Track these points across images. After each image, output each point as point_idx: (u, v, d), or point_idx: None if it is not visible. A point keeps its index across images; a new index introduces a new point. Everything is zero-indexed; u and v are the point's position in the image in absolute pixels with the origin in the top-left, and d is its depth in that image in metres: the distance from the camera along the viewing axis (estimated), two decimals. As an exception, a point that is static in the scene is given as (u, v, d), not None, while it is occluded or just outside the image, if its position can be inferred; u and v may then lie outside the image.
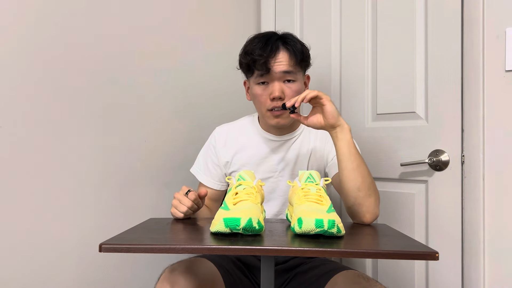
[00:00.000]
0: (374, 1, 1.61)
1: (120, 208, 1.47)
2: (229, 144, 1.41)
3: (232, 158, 1.40)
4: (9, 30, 1.21)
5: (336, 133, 1.17)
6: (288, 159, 1.37)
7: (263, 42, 1.27)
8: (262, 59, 1.25)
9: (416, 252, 0.87)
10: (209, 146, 1.44)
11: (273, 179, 1.37)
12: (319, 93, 1.14)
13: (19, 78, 1.23)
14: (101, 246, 0.84)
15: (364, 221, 1.17)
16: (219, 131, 1.45)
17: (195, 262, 1.17)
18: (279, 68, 1.26)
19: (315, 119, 1.18)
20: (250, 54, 1.28)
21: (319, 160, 1.38)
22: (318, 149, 1.38)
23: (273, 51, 1.26)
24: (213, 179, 1.42)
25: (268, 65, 1.26)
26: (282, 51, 1.27)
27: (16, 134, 1.23)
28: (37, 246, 1.27)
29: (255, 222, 0.88)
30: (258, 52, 1.26)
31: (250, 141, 1.40)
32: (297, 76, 1.29)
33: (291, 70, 1.27)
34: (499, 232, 1.31)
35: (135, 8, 1.52)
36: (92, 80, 1.40)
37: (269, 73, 1.27)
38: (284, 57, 1.27)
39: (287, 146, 1.38)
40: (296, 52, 1.28)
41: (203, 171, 1.43)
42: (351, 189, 1.16)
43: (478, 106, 1.34)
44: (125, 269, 1.49)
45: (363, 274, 1.15)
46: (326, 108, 1.15)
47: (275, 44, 1.27)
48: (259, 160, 1.38)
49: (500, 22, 1.30)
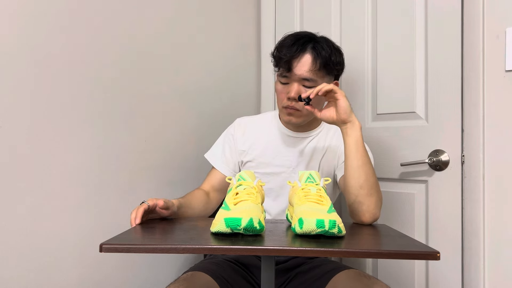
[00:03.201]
0: (374, 1, 1.61)
1: (120, 208, 1.46)
2: (248, 134, 1.44)
3: (249, 148, 1.42)
4: (9, 30, 1.21)
5: (346, 129, 1.19)
6: (303, 157, 1.39)
7: (292, 42, 1.30)
8: (286, 58, 1.28)
9: (418, 252, 0.87)
10: (227, 133, 1.47)
11: (285, 174, 1.38)
12: (334, 87, 1.17)
13: (19, 78, 1.23)
14: (101, 246, 0.84)
15: (363, 221, 1.17)
16: (239, 122, 1.48)
17: (191, 280, 1.12)
18: (299, 71, 1.28)
19: (328, 113, 1.21)
20: (278, 50, 1.32)
21: (330, 161, 1.39)
22: (332, 150, 1.39)
23: (299, 52, 1.28)
24: (227, 165, 1.43)
25: (290, 65, 1.28)
26: (307, 54, 1.28)
27: (16, 134, 1.23)
28: (37, 246, 1.27)
29: (256, 222, 0.88)
30: (285, 51, 1.29)
31: (268, 134, 1.43)
32: (318, 82, 1.29)
33: (311, 77, 1.28)
34: (499, 232, 1.31)
35: (136, 8, 1.51)
36: (92, 80, 1.39)
37: (290, 74, 1.29)
38: (307, 61, 1.28)
39: (303, 143, 1.40)
40: (321, 57, 1.28)
41: (219, 156, 1.44)
42: (354, 186, 1.17)
43: (478, 106, 1.34)
44: (125, 269, 1.49)
45: (364, 273, 1.15)
46: (340, 103, 1.17)
47: (303, 46, 1.29)
48: (274, 154, 1.40)
49: (500, 22, 1.30)
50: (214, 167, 1.44)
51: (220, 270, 1.21)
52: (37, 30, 1.26)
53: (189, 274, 1.15)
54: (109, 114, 1.44)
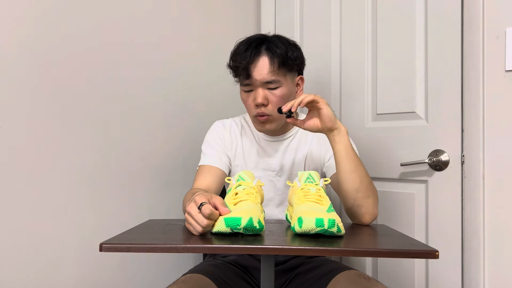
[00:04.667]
0: (374, 1, 1.61)
1: (120, 208, 1.46)
2: (232, 137, 1.39)
3: (234, 153, 1.38)
4: (9, 31, 1.21)
5: (333, 136, 1.17)
6: (286, 160, 1.37)
7: (245, 47, 1.25)
8: (242, 66, 1.24)
9: (417, 251, 0.87)
10: (214, 136, 1.39)
11: (271, 177, 1.37)
12: (315, 97, 1.14)
13: (19, 78, 1.23)
14: (101, 245, 0.84)
15: (363, 222, 1.18)
16: (219, 124, 1.42)
17: (189, 282, 1.10)
18: (259, 76, 1.24)
19: (312, 123, 1.18)
20: (233, 59, 1.28)
21: (316, 161, 1.38)
22: (315, 150, 1.38)
23: (254, 56, 1.23)
24: (225, 163, 1.36)
25: (248, 71, 1.24)
26: (263, 56, 1.24)
27: (16, 134, 1.23)
28: (37, 246, 1.27)
29: (255, 221, 0.88)
30: (240, 58, 1.25)
31: (250, 138, 1.40)
32: (281, 82, 1.26)
33: (272, 79, 1.24)
34: (499, 232, 1.31)
35: (135, 9, 1.52)
36: (92, 81, 1.40)
37: (251, 79, 1.25)
38: (264, 64, 1.24)
39: (283, 146, 1.38)
40: (277, 56, 1.24)
41: (214, 157, 1.34)
42: (350, 190, 1.16)
43: (478, 106, 1.34)
44: (125, 269, 1.49)
45: (364, 274, 1.14)
46: (323, 112, 1.14)
47: (257, 50, 1.24)
48: (257, 159, 1.37)
49: (500, 22, 1.30)
50: (207, 166, 1.34)
51: (219, 272, 1.20)
52: (38, 31, 1.27)
53: (188, 276, 1.13)
54: (109, 115, 1.44)
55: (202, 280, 1.13)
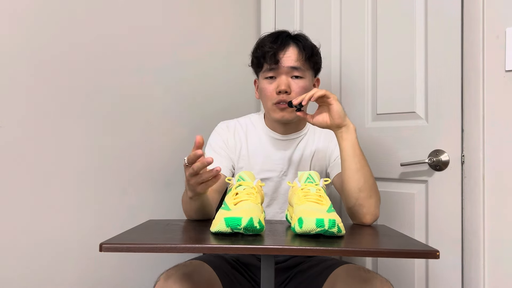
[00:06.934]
0: (374, 1, 1.61)
1: (120, 208, 1.46)
2: (236, 139, 1.39)
3: (239, 154, 1.37)
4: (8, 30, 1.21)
5: (341, 133, 1.18)
6: (293, 159, 1.37)
7: (274, 37, 1.31)
8: (272, 51, 1.28)
9: (417, 251, 0.87)
10: (216, 138, 1.39)
11: (277, 178, 1.36)
12: (326, 92, 1.15)
13: (19, 78, 1.23)
14: (101, 245, 0.84)
15: (364, 222, 1.17)
16: (223, 126, 1.41)
17: (191, 266, 1.11)
18: (287, 62, 1.28)
19: (321, 118, 1.19)
20: (260, 48, 1.32)
21: (322, 160, 1.38)
22: (321, 149, 1.38)
23: (284, 45, 1.29)
24: (226, 168, 1.35)
25: (277, 57, 1.28)
26: (292, 46, 1.30)
27: (16, 134, 1.23)
28: (37, 246, 1.27)
29: (256, 221, 0.88)
30: (269, 45, 1.29)
31: (255, 139, 1.39)
32: (305, 74, 1.31)
33: (299, 66, 1.29)
34: (499, 232, 1.31)
35: (135, 8, 1.52)
36: (92, 81, 1.39)
37: (278, 67, 1.29)
38: (293, 52, 1.29)
39: (293, 145, 1.38)
40: (305, 48, 1.30)
41: (216, 162, 1.29)
42: (353, 189, 1.16)
43: (478, 106, 1.34)
44: (125, 269, 1.49)
45: (364, 267, 1.14)
46: (333, 108, 1.16)
47: (286, 40, 1.30)
48: (264, 159, 1.37)
49: (500, 22, 1.30)
50: None
51: (219, 262, 1.21)
52: (37, 31, 1.27)
53: (188, 262, 1.14)
54: (109, 115, 1.44)
55: (202, 266, 1.14)
